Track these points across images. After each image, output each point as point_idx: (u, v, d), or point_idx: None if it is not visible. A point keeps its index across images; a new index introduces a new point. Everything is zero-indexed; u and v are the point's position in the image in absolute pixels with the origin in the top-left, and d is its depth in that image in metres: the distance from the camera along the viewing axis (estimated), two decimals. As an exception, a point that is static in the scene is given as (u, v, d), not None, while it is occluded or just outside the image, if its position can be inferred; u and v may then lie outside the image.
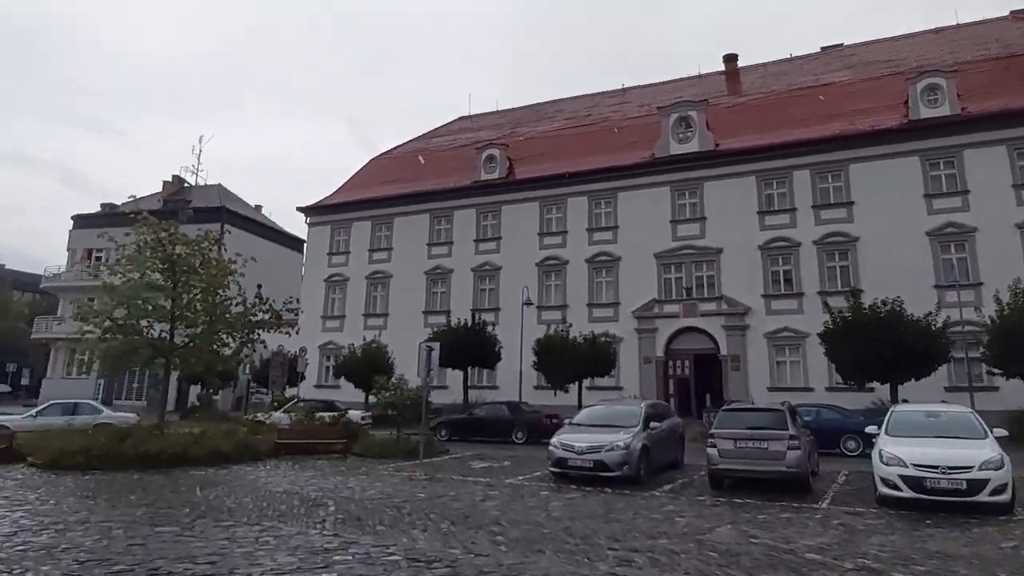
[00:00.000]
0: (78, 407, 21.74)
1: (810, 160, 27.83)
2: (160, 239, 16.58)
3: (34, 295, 62.54)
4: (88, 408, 21.88)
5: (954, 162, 25.61)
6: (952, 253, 24.94)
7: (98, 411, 21.87)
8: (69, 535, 7.82)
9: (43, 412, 21.23)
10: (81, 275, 41.80)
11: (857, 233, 26.30)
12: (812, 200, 27.48)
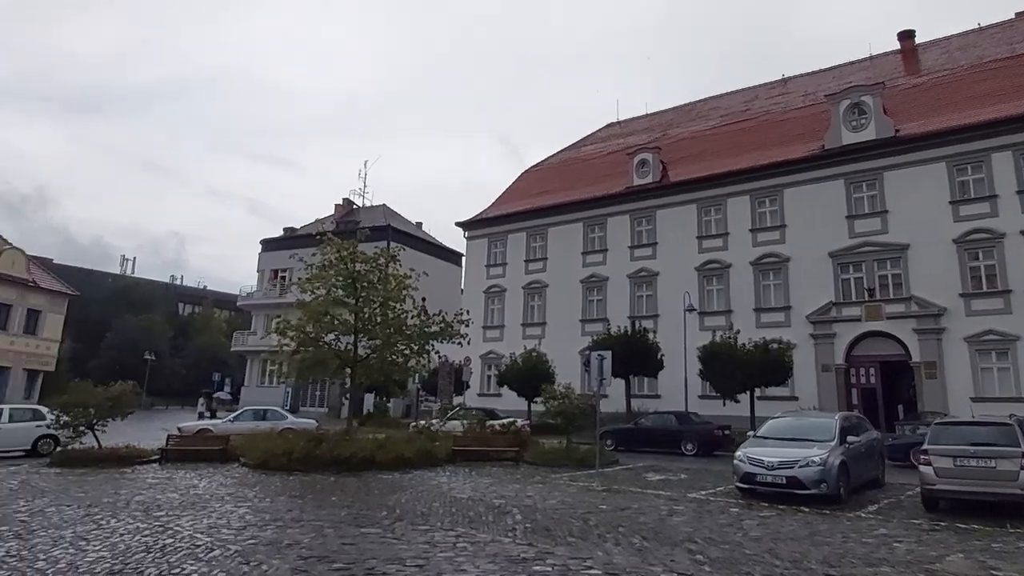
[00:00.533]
0: (267, 413, 24.02)
1: (1011, 140, 24.48)
2: (343, 257, 17.87)
3: (231, 312, 70.29)
4: (275, 414, 24.07)
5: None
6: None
7: (283, 417, 23.98)
8: (289, 531, 8.53)
9: (238, 417, 23.62)
10: (270, 293, 46.38)
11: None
12: (1017, 185, 24.14)
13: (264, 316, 46.65)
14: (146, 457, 16.57)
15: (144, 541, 7.98)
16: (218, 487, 12.53)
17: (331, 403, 41.09)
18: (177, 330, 62.95)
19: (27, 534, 8.40)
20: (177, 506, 10.42)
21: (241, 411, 24.74)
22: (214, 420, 26.16)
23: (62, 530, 8.63)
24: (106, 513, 9.81)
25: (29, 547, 7.71)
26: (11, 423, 18.43)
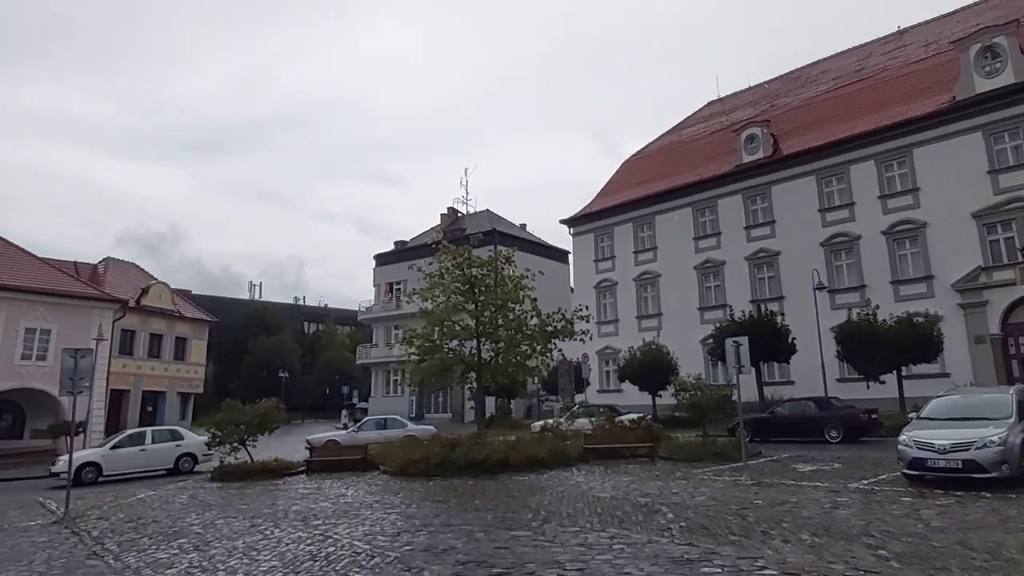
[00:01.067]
0: (388, 422, 24.91)
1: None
2: (458, 263, 18.13)
3: (352, 327, 73.71)
4: (396, 423, 24.89)
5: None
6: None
7: (403, 425, 24.75)
8: (441, 536, 8.61)
9: (362, 427, 24.55)
10: (387, 306, 48.12)
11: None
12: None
13: (384, 328, 48.47)
14: (294, 469, 17.49)
15: (308, 550, 8.30)
16: (365, 495, 12.97)
17: (454, 408, 42.01)
18: (305, 348, 66.68)
19: (204, 545, 8.97)
20: (331, 515, 10.84)
21: (364, 421, 25.70)
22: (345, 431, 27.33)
23: (234, 541, 9.16)
24: (269, 524, 10.34)
25: (208, 558, 8.21)
26: (155, 444, 20.16)
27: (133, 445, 19.97)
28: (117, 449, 19.66)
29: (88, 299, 32.15)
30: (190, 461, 20.29)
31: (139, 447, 19.98)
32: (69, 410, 29.66)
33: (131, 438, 20.52)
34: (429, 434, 22.91)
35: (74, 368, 12.58)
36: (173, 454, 20.24)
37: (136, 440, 20.34)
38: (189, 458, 20.34)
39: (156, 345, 38.77)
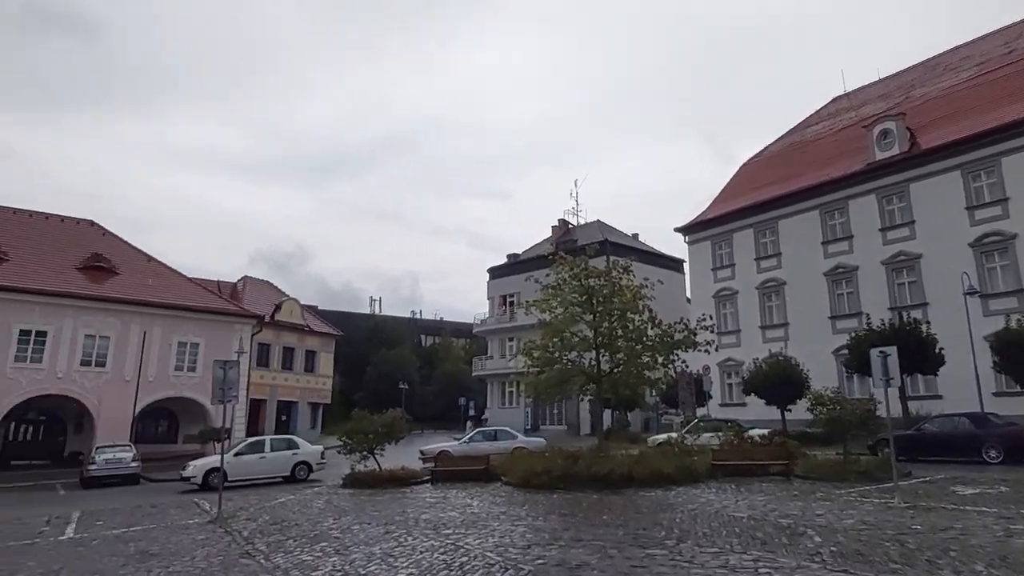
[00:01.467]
0: (497, 434, 25.03)
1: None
2: (576, 274, 18.02)
3: (467, 340, 75.33)
4: (505, 434, 24.99)
5: None
6: None
7: (513, 437, 24.77)
8: (573, 552, 8.47)
9: (472, 439, 24.76)
10: (501, 319, 48.76)
11: None
12: None
13: (498, 341, 49.12)
14: (419, 478, 17.96)
15: (443, 559, 8.43)
16: (490, 506, 13.07)
17: (569, 421, 41.79)
18: (422, 360, 68.80)
19: (344, 550, 9.33)
20: (460, 524, 10.99)
21: (474, 432, 25.80)
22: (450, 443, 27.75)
23: (371, 547, 9.47)
24: (402, 531, 10.62)
25: (349, 562, 8.52)
26: (273, 452, 21.09)
27: (254, 453, 20.73)
28: (240, 456, 20.37)
29: (230, 315, 34.83)
30: (305, 469, 20.98)
31: (259, 455, 20.83)
32: (216, 417, 32.22)
33: (252, 446, 21.29)
34: (540, 447, 22.92)
35: (223, 378, 13.56)
36: (290, 462, 20.93)
37: (256, 448, 21.09)
38: (304, 466, 21.03)
39: (289, 358, 41.37)
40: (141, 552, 9.91)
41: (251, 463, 20.43)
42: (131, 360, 31.37)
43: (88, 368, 30.36)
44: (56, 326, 29.91)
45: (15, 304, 29.23)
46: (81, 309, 30.68)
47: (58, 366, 29.66)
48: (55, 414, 32.35)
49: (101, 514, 14.54)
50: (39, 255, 32.40)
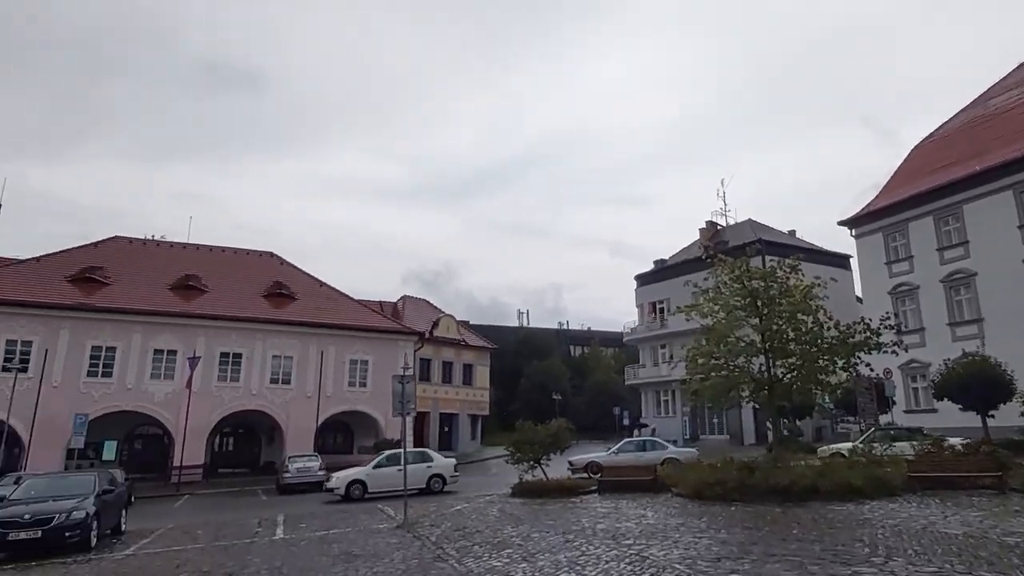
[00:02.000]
0: (647, 444, 24.36)
1: None
2: (738, 276, 17.29)
3: (615, 348, 74.73)
4: (655, 445, 24.31)
5: None
6: None
7: (663, 447, 24.00)
8: (768, 566, 8.09)
9: (621, 449, 24.16)
10: (651, 326, 47.86)
11: None
12: None
13: (650, 348, 48.22)
14: (586, 488, 17.98)
15: (630, 569, 8.38)
16: (665, 517, 12.81)
17: (731, 430, 40.03)
18: (573, 371, 69.08)
19: (530, 557, 9.56)
20: (639, 535, 10.87)
21: (623, 443, 25.20)
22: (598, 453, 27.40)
23: (555, 554, 9.62)
24: (581, 540, 10.69)
25: (538, 569, 8.72)
26: (409, 465, 21.08)
27: (391, 465, 20.84)
28: (379, 469, 20.99)
29: (394, 333, 37.09)
30: (439, 482, 21.20)
31: (396, 467, 20.68)
32: (386, 429, 34.29)
33: (389, 459, 21.46)
34: (691, 457, 22.54)
35: (402, 392, 14.46)
36: (425, 475, 21.10)
37: (394, 461, 21.01)
38: (438, 479, 21.27)
39: (448, 372, 43.24)
40: (345, 553, 10.76)
41: (389, 475, 20.56)
42: (311, 377, 34.30)
43: (276, 385, 33.60)
44: (249, 348, 33.43)
45: (216, 330, 33.04)
46: (268, 333, 34.07)
47: (252, 384, 33.10)
48: (251, 427, 36.04)
49: (302, 518, 15.98)
50: (231, 285, 36.41)
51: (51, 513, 12.07)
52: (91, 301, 32.17)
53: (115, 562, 11.34)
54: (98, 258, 35.32)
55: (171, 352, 32.12)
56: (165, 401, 31.36)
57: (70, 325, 30.82)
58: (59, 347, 30.21)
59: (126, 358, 31.31)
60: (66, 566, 11.08)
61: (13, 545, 11.77)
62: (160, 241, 39.78)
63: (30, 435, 28.07)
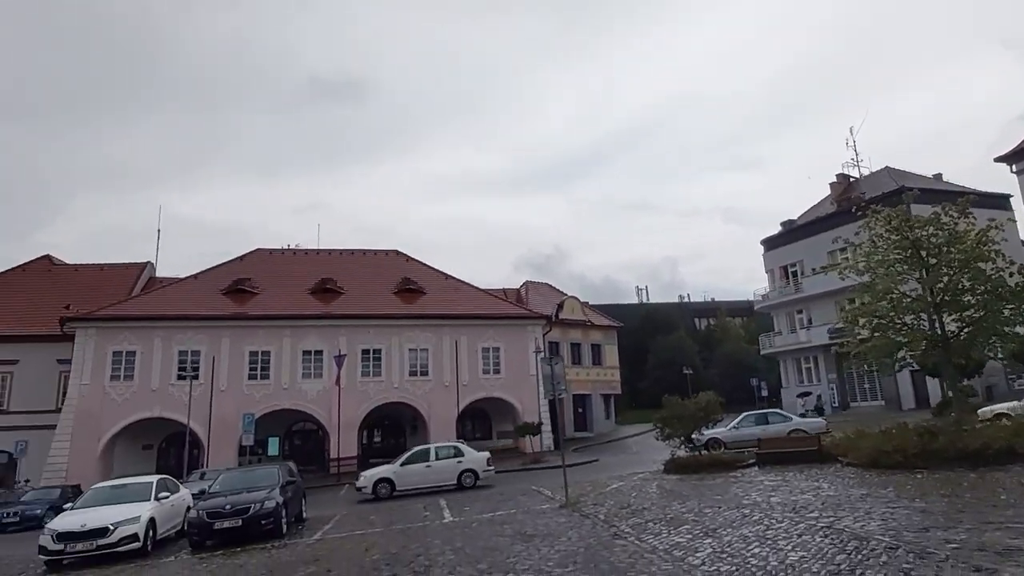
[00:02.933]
0: (769, 416, 23.34)
1: None
2: (896, 226, 15.96)
3: (743, 318, 71.90)
4: (778, 417, 23.28)
5: None
6: None
7: (787, 419, 22.93)
8: (988, 535, 7.43)
9: (741, 424, 22.98)
10: (784, 291, 45.48)
11: None
12: None
13: (785, 315, 45.88)
14: (743, 462, 17.36)
15: (827, 542, 7.98)
16: (843, 488, 12.09)
17: (887, 395, 37.32)
18: (700, 343, 67.15)
19: (712, 533, 9.30)
20: (822, 507, 10.33)
21: (742, 417, 23.85)
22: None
23: (738, 529, 9.31)
24: (759, 514, 10.29)
25: (726, 544, 8.46)
26: (439, 461, 20.63)
27: (420, 462, 20.50)
28: (407, 466, 20.44)
29: (522, 318, 37.49)
30: (471, 477, 20.33)
31: (425, 463, 20.51)
32: (523, 414, 34.82)
33: (417, 455, 21.02)
34: (819, 428, 21.26)
35: (551, 374, 14.52)
36: (456, 470, 20.39)
37: (422, 457, 20.81)
38: (470, 474, 20.38)
39: (576, 353, 43.26)
40: (519, 533, 10.96)
41: (418, 472, 20.25)
42: (447, 367, 35.41)
43: (415, 377, 34.98)
44: (387, 344, 34.98)
45: (355, 329, 34.83)
46: (403, 327, 35.48)
47: (393, 377, 34.65)
48: (395, 419, 37.75)
49: (464, 502, 16.49)
50: (364, 285, 38.18)
51: (248, 503, 13.17)
52: (245, 310, 34.84)
53: (308, 546, 12.20)
54: (245, 270, 38.13)
55: (317, 352, 34.21)
56: (317, 398, 33.48)
57: (229, 334, 33.56)
58: (222, 354, 32.97)
59: (279, 360, 33.69)
60: (267, 551, 12.04)
61: (219, 534, 12.95)
62: (296, 250, 42.39)
63: (208, 435, 30.91)
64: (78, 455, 29.95)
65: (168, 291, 36.06)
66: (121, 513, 12.89)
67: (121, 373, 32.00)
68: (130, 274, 40.71)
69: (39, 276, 39.26)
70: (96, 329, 32.28)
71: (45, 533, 12.59)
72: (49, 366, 33.76)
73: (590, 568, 8.00)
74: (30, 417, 32.55)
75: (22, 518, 21.59)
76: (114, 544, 12.46)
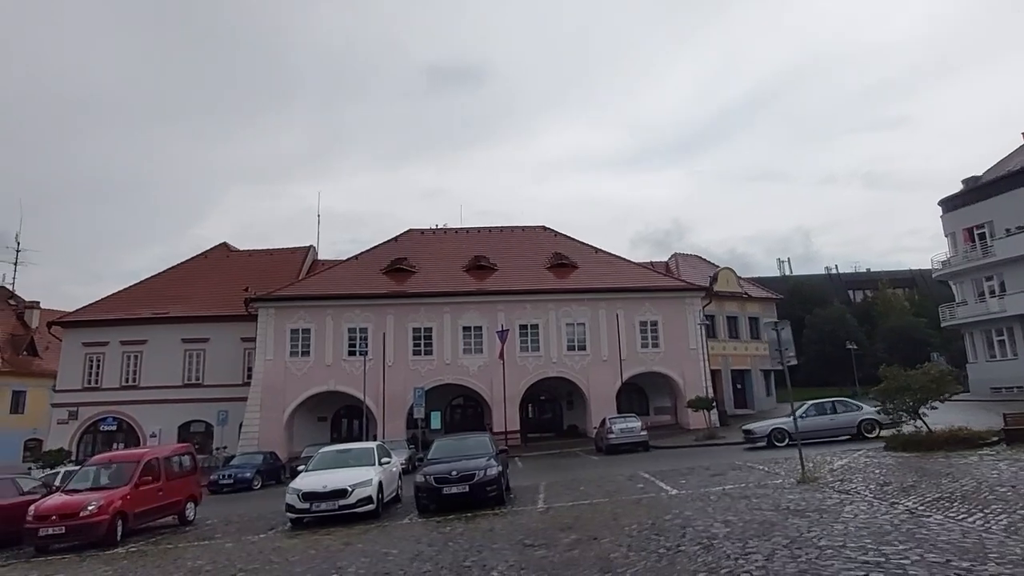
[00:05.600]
0: (836, 406, 21.76)
1: None
2: None
3: (904, 289, 66.07)
4: (847, 406, 21.79)
5: None
6: None
7: (856, 408, 21.45)
8: None
9: (806, 413, 21.05)
10: (970, 255, 40.96)
11: None
12: None
13: (971, 282, 41.33)
14: (986, 439, 15.52)
15: None
16: None
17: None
18: (859, 316, 62.36)
19: None
20: None
21: (806, 407, 21.65)
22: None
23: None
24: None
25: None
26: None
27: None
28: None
29: (679, 291, 36.20)
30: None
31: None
32: (685, 388, 33.62)
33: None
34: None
35: (778, 339, 13.49)
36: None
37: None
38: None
39: (733, 327, 41.34)
40: (778, 507, 10.10)
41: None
42: (604, 342, 34.88)
43: (573, 352, 34.75)
44: (544, 319, 34.94)
45: (512, 304, 35.02)
46: (559, 302, 35.31)
47: (551, 352, 34.61)
48: (551, 393, 37.78)
49: (672, 476, 15.82)
50: (516, 261, 38.32)
51: (472, 470, 13.24)
52: (404, 288, 36.00)
53: (541, 513, 12.01)
54: (400, 251, 39.40)
55: (477, 328, 34.76)
56: (478, 373, 34.07)
57: (393, 311, 34.80)
58: (388, 331, 34.25)
59: (441, 336, 34.55)
60: (503, 517, 11.97)
61: (447, 499, 13.09)
62: (447, 229, 43.27)
63: (383, 409, 32.28)
64: (266, 425, 32.28)
65: (334, 272, 37.92)
66: (356, 476, 13.37)
67: (299, 349, 34.08)
68: (296, 258, 43.25)
69: (218, 262, 42.58)
70: (275, 309, 34.51)
71: (290, 492, 13.25)
72: (235, 344, 36.55)
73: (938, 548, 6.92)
74: (222, 390, 35.43)
75: (236, 480, 23.47)
76: (352, 505, 12.92)
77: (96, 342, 36.68)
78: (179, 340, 36.66)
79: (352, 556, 9.62)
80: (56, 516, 12.73)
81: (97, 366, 36.64)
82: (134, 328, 36.72)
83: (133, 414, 35.57)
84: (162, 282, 40.56)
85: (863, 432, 20.44)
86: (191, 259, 43.26)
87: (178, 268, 42.22)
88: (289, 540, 11.67)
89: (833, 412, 21.43)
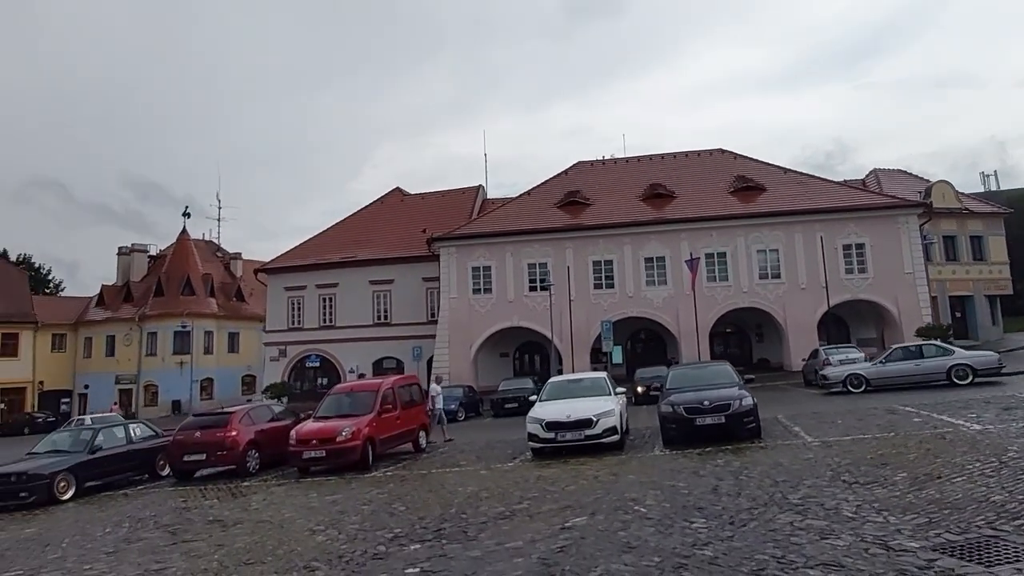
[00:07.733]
0: (923, 349, 19.63)
1: None
2: None
3: None
4: (936, 350, 19.47)
5: None
6: None
7: (948, 352, 19.18)
8: None
9: (889, 358, 19.90)
10: None
11: None
12: None
13: None
14: None
15: None
16: None
17: None
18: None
19: None
20: None
21: (891, 350, 20.21)
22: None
23: None
24: None
25: None
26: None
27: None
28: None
29: (890, 208, 32.18)
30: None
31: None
32: (900, 317, 30.10)
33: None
34: (989, 363, 18.27)
35: None
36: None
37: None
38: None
39: (951, 247, 36.46)
40: None
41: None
42: (802, 269, 32.00)
43: (766, 280, 32.28)
44: (732, 246, 32.64)
45: (695, 232, 32.95)
46: (748, 228, 32.75)
47: (741, 282, 32.39)
48: (739, 326, 35.61)
49: (941, 408, 13.77)
50: (696, 187, 35.93)
51: (727, 400, 12.11)
52: (581, 221, 35.00)
53: (819, 448, 10.68)
54: (571, 184, 38.28)
55: (659, 259, 33.21)
56: (663, 305, 32.67)
57: (572, 245, 34.03)
58: (567, 264, 33.59)
59: (622, 269, 33.39)
60: (770, 451, 10.82)
61: (698, 431, 12.09)
62: (617, 159, 41.46)
63: (569, 344, 31.92)
64: (455, 360, 33.14)
65: (508, 208, 37.68)
66: (599, 406, 12.75)
67: (481, 287, 34.44)
68: (467, 198, 43.61)
69: (394, 207, 43.97)
70: (455, 248, 34.95)
71: (532, 422, 12.88)
72: (417, 283, 37.79)
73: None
74: (408, 328, 36.90)
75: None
76: (598, 435, 12.32)
77: (295, 286, 39.46)
78: (367, 282, 38.49)
79: (635, 488, 8.89)
80: (316, 440, 13.31)
81: (298, 308, 39.50)
82: (326, 272, 39.03)
83: (333, 351, 38.13)
84: (345, 228, 42.64)
85: (953, 379, 18.21)
86: (368, 205, 45.05)
87: (358, 214, 44.16)
88: (546, 469, 11.26)
89: (920, 356, 19.19)
